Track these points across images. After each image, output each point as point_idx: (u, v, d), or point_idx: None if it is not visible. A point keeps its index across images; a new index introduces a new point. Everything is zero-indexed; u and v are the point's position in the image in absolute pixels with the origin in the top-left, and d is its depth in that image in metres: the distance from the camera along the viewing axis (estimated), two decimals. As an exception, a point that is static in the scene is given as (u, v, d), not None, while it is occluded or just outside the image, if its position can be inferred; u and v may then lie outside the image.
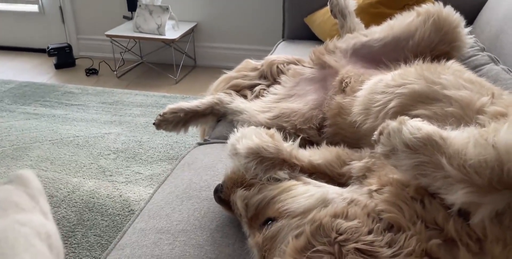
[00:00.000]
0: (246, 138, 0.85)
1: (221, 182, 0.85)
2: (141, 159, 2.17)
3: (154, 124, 1.40)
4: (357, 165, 0.83)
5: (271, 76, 1.47)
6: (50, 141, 2.37)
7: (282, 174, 0.78)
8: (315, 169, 0.84)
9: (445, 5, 1.23)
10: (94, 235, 1.65)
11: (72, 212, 1.78)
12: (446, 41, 1.21)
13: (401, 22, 1.30)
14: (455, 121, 0.72)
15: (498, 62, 1.26)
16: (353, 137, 1.02)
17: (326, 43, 1.40)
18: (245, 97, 1.42)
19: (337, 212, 0.65)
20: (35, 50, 3.94)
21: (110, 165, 2.12)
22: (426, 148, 0.61)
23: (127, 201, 1.84)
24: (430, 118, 0.75)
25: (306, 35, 2.15)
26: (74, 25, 3.80)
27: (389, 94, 0.86)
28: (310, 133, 1.13)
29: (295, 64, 1.47)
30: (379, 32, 1.32)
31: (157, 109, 2.74)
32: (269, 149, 0.81)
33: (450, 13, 1.23)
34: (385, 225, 0.62)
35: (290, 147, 0.85)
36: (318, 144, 1.06)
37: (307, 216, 0.66)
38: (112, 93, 3.01)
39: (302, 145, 0.98)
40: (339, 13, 1.61)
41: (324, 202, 0.69)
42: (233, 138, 0.90)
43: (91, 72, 3.49)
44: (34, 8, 3.85)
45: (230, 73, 1.55)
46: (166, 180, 1.10)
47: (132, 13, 3.49)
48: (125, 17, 3.53)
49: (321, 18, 2.00)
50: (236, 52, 3.42)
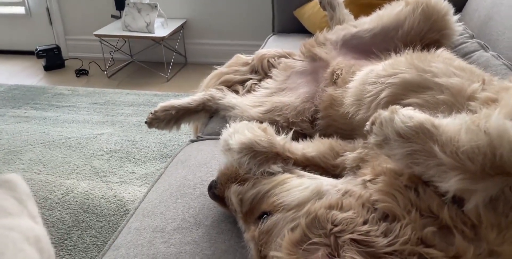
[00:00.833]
0: (238, 133, 0.85)
1: (215, 178, 0.85)
2: (134, 158, 2.16)
3: (146, 122, 1.39)
4: (350, 156, 0.83)
5: (262, 70, 1.46)
6: (42, 143, 2.36)
7: (275, 168, 0.78)
8: (309, 162, 0.84)
9: (432, -7, 1.23)
10: (89, 236, 1.64)
11: (66, 214, 1.77)
12: (436, 29, 1.21)
13: (390, 12, 1.29)
14: (447, 108, 0.72)
15: (488, 49, 1.26)
16: (346, 128, 1.02)
17: (316, 36, 1.40)
18: (236, 92, 1.41)
19: (331, 203, 0.65)
20: (23, 53, 3.91)
21: (103, 166, 2.11)
22: (419, 136, 0.61)
23: (122, 201, 1.83)
24: (421, 107, 0.75)
25: (296, 28, 2.14)
26: (62, 26, 3.77)
27: (380, 84, 0.86)
28: (303, 126, 1.13)
29: (286, 57, 1.46)
30: (369, 22, 1.32)
31: (149, 108, 2.73)
32: (262, 143, 0.81)
33: (439, 1, 1.23)
34: (380, 215, 0.62)
35: (283, 140, 0.84)
36: (312, 136, 1.06)
37: (302, 208, 0.66)
38: (103, 93, 2.99)
39: (295, 138, 0.98)
40: (328, 5, 1.60)
41: (318, 194, 0.69)
42: (225, 134, 0.90)
43: (81, 73, 3.47)
44: (21, 10, 3.82)
45: (221, 69, 1.54)
46: (159, 178, 1.10)
47: (120, 12, 3.46)
48: (113, 16, 3.51)
49: (310, 11, 1.99)
50: (227, 48, 3.40)
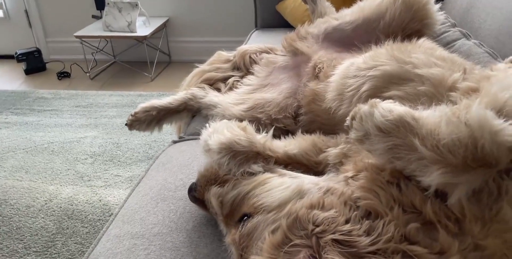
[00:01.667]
0: (217, 133, 0.83)
1: (195, 181, 0.83)
2: (119, 161, 2.13)
3: (126, 124, 1.37)
4: (333, 152, 0.82)
5: (244, 66, 1.44)
6: (23, 149, 2.31)
7: (256, 168, 0.76)
8: (291, 160, 0.82)
9: (413, -17, 1.22)
10: (75, 243, 1.61)
11: (50, 221, 1.74)
12: (417, 19, 1.19)
13: (371, 3, 1.28)
14: (428, 99, 0.70)
15: (470, 37, 1.25)
16: (329, 123, 1.00)
17: (297, 29, 1.38)
18: (219, 90, 1.39)
19: (313, 202, 0.63)
20: (3, 57, 3.85)
21: (87, 170, 2.07)
22: (399, 130, 0.59)
23: (107, 205, 1.80)
24: (403, 99, 0.74)
25: (279, 23, 2.12)
26: (41, 28, 3.71)
27: (361, 78, 0.85)
28: (286, 122, 1.11)
29: (268, 52, 1.44)
30: (350, 14, 1.31)
31: (133, 109, 2.68)
32: (241, 143, 0.79)
33: (419, -9, 1.21)
34: (362, 213, 0.61)
35: (263, 138, 0.82)
36: (295, 133, 1.04)
37: (283, 209, 0.64)
38: (85, 96, 2.95)
39: (278, 135, 0.96)
40: (309, -2, 1.58)
41: (299, 194, 0.67)
42: (205, 134, 0.88)
43: (63, 75, 3.42)
44: (-2, 12, 3.75)
45: (202, 67, 1.52)
46: (140, 182, 1.07)
47: (101, 12, 3.41)
48: (94, 16, 3.45)
49: (292, 5, 1.97)
50: (211, 45, 3.37)
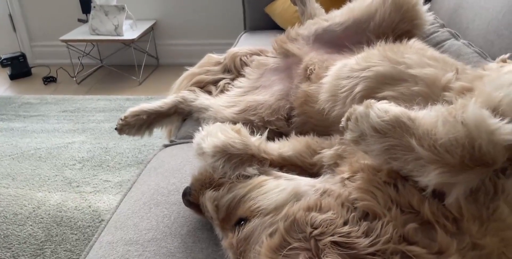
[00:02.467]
0: (211, 136, 0.82)
1: (189, 185, 0.82)
2: (108, 166, 2.11)
3: (116, 129, 1.35)
4: (327, 153, 0.82)
5: (235, 69, 1.44)
6: (10, 156, 2.28)
7: (251, 170, 0.76)
8: (286, 162, 0.82)
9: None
10: (64, 250, 1.59)
11: (39, 228, 1.71)
12: (407, 19, 1.20)
13: (360, 4, 1.29)
14: (422, 100, 0.70)
15: (459, 37, 1.27)
16: (322, 125, 1.00)
17: (287, 31, 1.38)
18: (209, 93, 1.39)
19: (310, 205, 0.63)
20: (-14, 62, 3.78)
21: (76, 176, 2.05)
22: (395, 130, 0.59)
23: (97, 211, 1.78)
24: (397, 99, 0.74)
25: (268, 25, 2.13)
26: (26, 33, 3.66)
27: (354, 79, 0.85)
28: (279, 124, 1.11)
29: (259, 55, 1.44)
30: (340, 16, 1.31)
31: (121, 113, 2.63)
32: (236, 146, 0.78)
33: (409, -9, 1.22)
34: (360, 214, 0.61)
35: (258, 141, 0.82)
36: (288, 135, 1.04)
37: (280, 212, 0.64)
38: (72, 101, 2.92)
39: (272, 137, 0.96)
40: (299, 0, 1.59)
41: (296, 196, 0.67)
42: (198, 137, 0.87)
43: (49, 80, 3.38)
44: (-20, 16, 3.69)
45: (192, 70, 1.51)
46: (132, 187, 1.06)
47: (87, 15, 3.38)
48: (80, 20, 3.42)
49: (281, 7, 1.97)
50: (199, 47, 3.36)
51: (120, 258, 0.78)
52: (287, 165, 0.82)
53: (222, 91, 1.36)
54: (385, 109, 0.62)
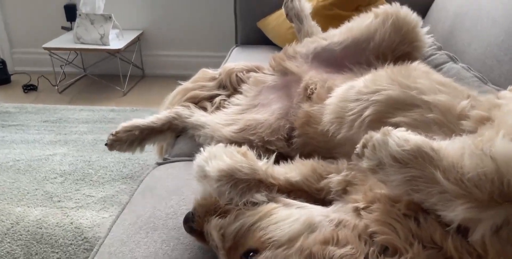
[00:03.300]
0: (216, 159, 0.79)
1: (191, 210, 0.78)
2: (91, 180, 2.04)
3: (107, 144, 1.30)
4: (335, 178, 0.79)
5: (231, 85, 1.41)
6: (-14, 167, 2.18)
7: (260, 197, 0.72)
8: (293, 187, 0.79)
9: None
10: (45, 270, 1.51)
11: (17, 246, 1.63)
12: (407, 41, 1.20)
13: (359, 24, 1.28)
14: (438, 128, 0.69)
15: (457, 60, 1.28)
16: (325, 146, 0.98)
17: (285, 49, 1.37)
18: (204, 109, 1.35)
19: (326, 237, 0.60)
20: (-37, 67, 3.66)
21: (57, 190, 1.97)
22: (417, 161, 0.57)
23: (79, 228, 1.71)
24: (410, 126, 0.72)
25: (260, 40, 2.11)
26: (7, 38, 3.56)
27: (363, 102, 0.83)
28: (279, 144, 1.08)
29: (255, 71, 1.42)
30: (339, 35, 1.30)
31: (105, 125, 2.60)
32: (243, 170, 0.75)
33: (408, 13, 1.22)
34: (379, 248, 0.58)
35: (265, 165, 0.79)
36: (288, 155, 1.02)
37: (294, 244, 0.61)
38: (54, 110, 2.83)
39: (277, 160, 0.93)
40: (295, 17, 1.58)
41: (310, 227, 0.64)
42: (200, 159, 0.84)
43: (29, 88, 3.28)
44: (-41, 21, 3.58)
45: (186, 84, 1.48)
46: (125, 208, 1.01)
47: (71, 23, 3.32)
48: (63, 27, 3.35)
49: (274, 22, 1.97)
50: (186, 59, 3.33)
51: (116, 289, 0.73)
52: (294, 190, 0.79)
53: (218, 108, 1.33)
54: (405, 137, 0.60)
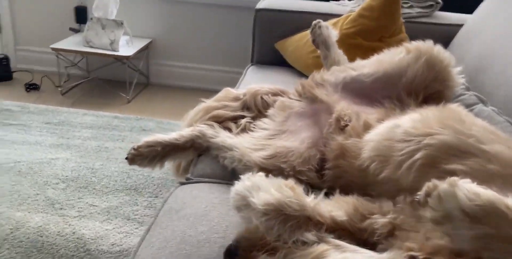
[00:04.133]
0: (262, 191, 0.76)
1: (233, 242, 0.75)
2: (95, 189, 1.98)
3: (127, 158, 1.27)
4: (381, 221, 0.77)
5: (255, 107, 1.39)
6: (-14, 167, 2.11)
7: (310, 237, 0.70)
8: (338, 226, 0.77)
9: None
10: (45, 282, 1.45)
11: (16, 253, 1.56)
12: (439, 79, 1.20)
13: (391, 58, 1.28)
14: (501, 181, 0.68)
15: (487, 103, 1.28)
16: (361, 182, 0.96)
17: (312, 76, 1.35)
18: (229, 130, 1.32)
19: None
20: (-35, 61, 3.57)
21: (59, 196, 1.91)
22: (491, 218, 0.56)
23: (82, 239, 1.65)
24: (468, 175, 0.70)
25: (277, 61, 2.10)
26: (12, 35, 3.49)
27: (413, 144, 0.82)
28: (310, 175, 1.06)
29: (280, 95, 1.40)
30: (369, 66, 1.30)
31: (109, 132, 2.55)
32: (292, 206, 0.72)
33: (441, 52, 1.23)
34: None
35: (313, 202, 0.76)
36: (316, 187, 0.99)
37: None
38: (57, 112, 2.77)
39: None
40: (322, 44, 1.57)
41: (369, 275, 0.61)
42: (241, 187, 0.81)
43: (32, 87, 3.21)
44: (-34, 14, 3.50)
45: (209, 103, 1.45)
46: (150, 230, 0.97)
47: (80, 25, 3.27)
48: (71, 29, 3.30)
49: (295, 45, 1.96)
50: (194, 71, 3.31)
51: None
52: (339, 229, 0.77)
53: (243, 130, 1.30)
54: (474, 190, 0.59)
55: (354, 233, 0.79)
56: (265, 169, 1.07)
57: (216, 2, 3.11)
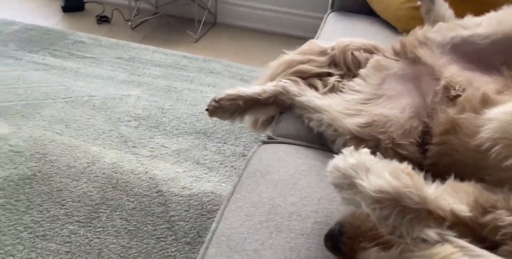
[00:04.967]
0: (373, 174, 0.66)
1: (336, 226, 0.67)
2: (165, 129, 1.96)
3: (208, 110, 1.19)
4: (508, 219, 0.65)
5: (345, 64, 1.24)
6: (63, 99, 2.13)
7: (433, 235, 0.59)
8: (459, 221, 0.66)
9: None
10: (120, 218, 1.47)
11: (93, 188, 1.59)
12: None
13: (512, 17, 1.07)
14: None
15: None
16: (474, 164, 0.83)
17: (414, 32, 1.17)
18: (314, 88, 1.20)
19: None
20: (39, -12, 3.54)
21: (132, 134, 1.90)
22: None
23: (154, 179, 1.65)
24: None
25: (360, 8, 1.88)
26: (83, -36, 3.38)
27: None
28: (410, 149, 0.94)
29: (374, 52, 1.24)
30: (484, 26, 1.09)
31: (178, 71, 2.48)
32: (413, 198, 0.62)
33: None
34: None
35: (435, 193, 0.65)
36: (416, 163, 0.87)
37: None
38: (127, 47, 2.71)
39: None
40: (427, -5, 1.35)
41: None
42: (342, 163, 0.71)
43: (102, 20, 3.15)
44: None
45: (292, 55, 1.31)
46: (235, 191, 0.91)
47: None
48: (143, -39, 3.14)
49: (385, -8, 1.72)
50: (264, 13, 3.10)
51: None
52: (458, 224, 0.66)
53: (331, 90, 1.17)
54: None
55: (473, 228, 0.68)
56: (359, 139, 0.97)
57: None
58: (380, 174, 0.65)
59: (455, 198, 0.69)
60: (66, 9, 3.25)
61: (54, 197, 1.53)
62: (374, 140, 0.94)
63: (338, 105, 1.05)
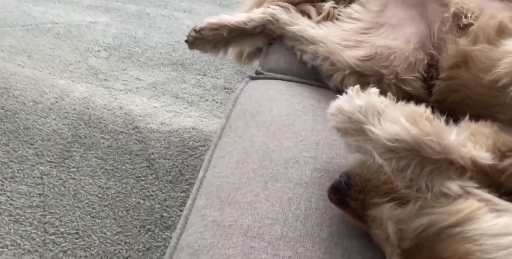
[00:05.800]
0: (387, 120, 0.55)
1: (343, 177, 0.58)
2: (139, 61, 1.78)
3: (187, 41, 1.04)
4: (529, 166, 0.58)
5: (341, -13, 1.07)
6: (23, 26, 1.88)
7: (454, 187, 0.51)
8: (478, 168, 0.58)
9: None
10: (95, 157, 1.36)
11: (64, 125, 1.45)
12: None
13: None
14: None
15: None
16: (485, 101, 0.74)
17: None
18: (307, 15, 1.05)
19: None
20: None
21: (102, 66, 1.72)
22: None
23: (130, 115, 1.52)
24: None
25: None
26: None
27: None
28: (415, 85, 0.83)
29: (373, -27, 1.07)
30: None
31: (148, -5, 2.22)
32: (433, 147, 0.52)
33: None
34: None
35: (456, 140, 0.56)
36: (420, 98, 0.78)
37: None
38: (91, -33, 2.38)
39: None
40: None
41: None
42: (347, 105, 0.60)
43: None
44: None
45: (282, -23, 1.13)
46: (223, 134, 0.80)
47: None
48: None
49: None
50: None
51: (242, 257, 0.57)
52: (477, 172, 0.58)
53: (325, 18, 1.02)
54: None
55: (490, 173, 0.60)
56: (359, 73, 0.85)
57: None
58: (395, 120, 0.55)
59: (475, 144, 0.60)
60: None
61: (21, 135, 1.39)
62: (376, 75, 0.83)
63: (335, 36, 0.91)
